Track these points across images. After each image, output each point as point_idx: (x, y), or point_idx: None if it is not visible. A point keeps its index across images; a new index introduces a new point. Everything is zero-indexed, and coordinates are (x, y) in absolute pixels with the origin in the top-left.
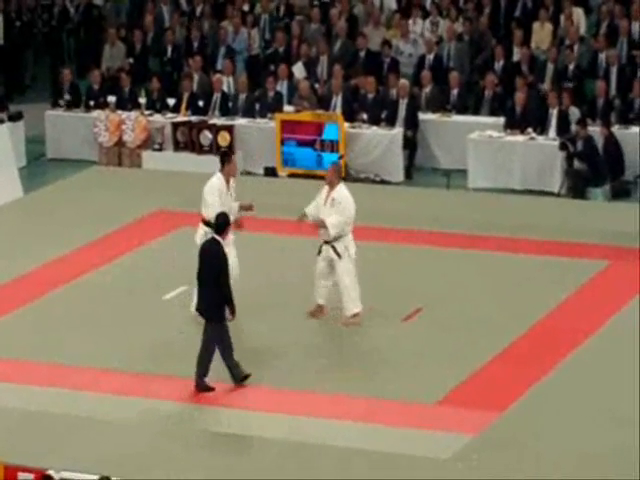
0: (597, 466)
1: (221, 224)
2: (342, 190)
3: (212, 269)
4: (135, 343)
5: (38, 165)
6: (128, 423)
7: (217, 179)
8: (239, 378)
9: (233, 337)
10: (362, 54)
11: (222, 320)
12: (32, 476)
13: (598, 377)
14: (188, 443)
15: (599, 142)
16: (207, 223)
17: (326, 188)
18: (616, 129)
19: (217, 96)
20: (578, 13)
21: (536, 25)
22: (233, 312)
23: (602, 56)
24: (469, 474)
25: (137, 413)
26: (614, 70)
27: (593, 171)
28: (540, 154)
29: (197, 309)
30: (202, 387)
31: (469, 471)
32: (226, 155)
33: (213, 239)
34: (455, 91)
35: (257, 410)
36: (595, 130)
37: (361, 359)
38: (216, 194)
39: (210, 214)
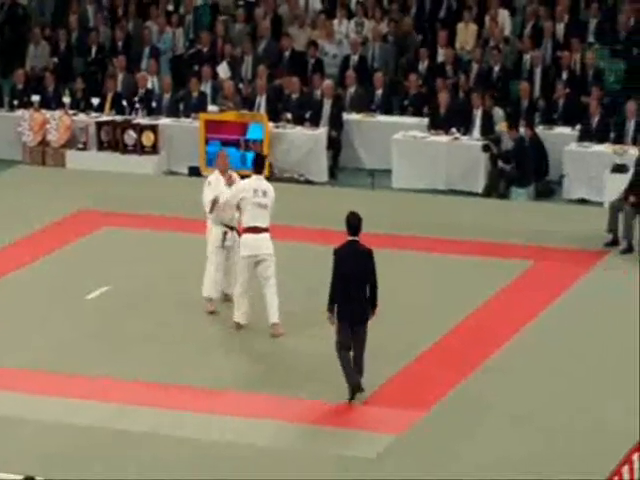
0: (517, 468)
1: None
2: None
3: (366, 270)
4: (57, 343)
5: None
6: (44, 423)
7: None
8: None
9: None
10: (287, 54)
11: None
12: None
13: (521, 378)
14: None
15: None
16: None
17: (220, 177)
18: (540, 130)
19: (141, 92)
20: (503, 14)
21: (460, 26)
22: (374, 311)
23: (527, 57)
24: (394, 474)
25: (59, 413)
26: (538, 71)
27: (520, 172)
28: (464, 155)
29: (348, 312)
30: (359, 388)
31: (394, 471)
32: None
33: (354, 240)
34: (379, 92)
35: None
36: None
37: (288, 360)
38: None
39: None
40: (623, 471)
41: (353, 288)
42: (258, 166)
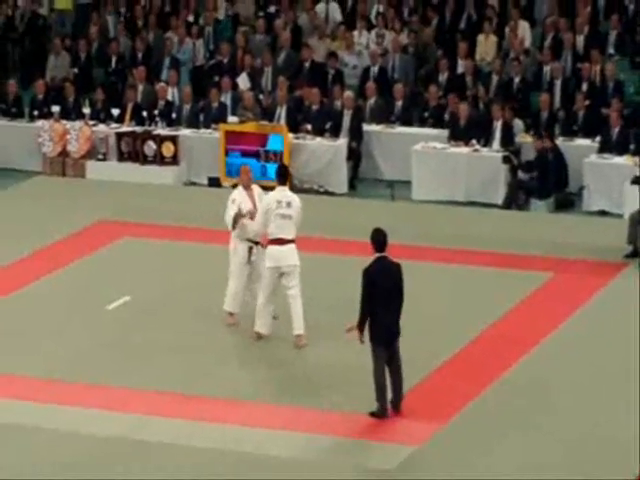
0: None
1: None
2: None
3: (400, 285)
4: (77, 352)
5: None
6: (61, 432)
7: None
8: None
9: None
10: (307, 65)
11: None
12: None
13: (542, 388)
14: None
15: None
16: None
17: (243, 192)
18: (560, 141)
19: (161, 104)
20: (523, 26)
21: (480, 37)
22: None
23: (547, 69)
24: None
25: (78, 423)
26: (558, 83)
27: (541, 183)
28: (484, 166)
29: (385, 331)
30: (386, 413)
31: None
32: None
33: (384, 257)
34: (399, 103)
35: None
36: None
37: (306, 371)
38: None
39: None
40: None
41: (390, 304)
42: (282, 177)
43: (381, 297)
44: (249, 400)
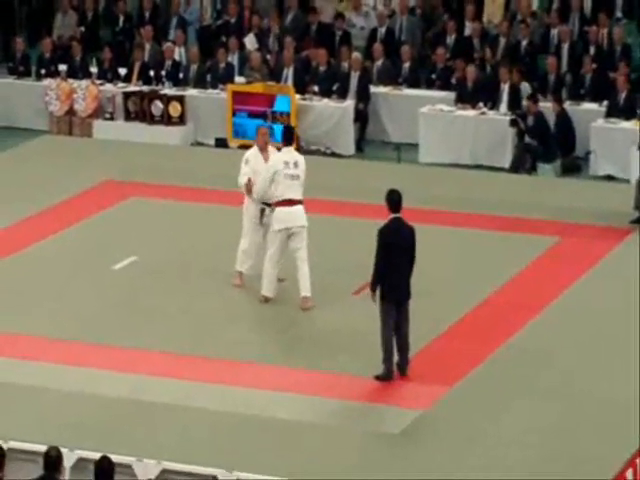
0: (543, 443)
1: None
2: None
3: (412, 246)
4: (83, 312)
5: None
6: (75, 393)
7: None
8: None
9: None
10: (314, 26)
11: None
12: None
13: (547, 353)
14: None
15: (551, 118)
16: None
17: (258, 154)
18: (567, 105)
19: (168, 64)
20: None
21: (488, 0)
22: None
23: (554, 32)
24: (419, 449)
25: (83, 383)
26: (566, 46)
27: (544, 147)
28: (491, 129)
29: (396, 290)
30: (391, 376)
31: (419, 446)
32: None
33: (398, 217)
34: (407, 65)
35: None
36: (546, 106)
37: (313, 334)
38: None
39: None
40: None
41: (402, 265)
42: (288, 138)
43: (394, 257)
44: (256, 362)
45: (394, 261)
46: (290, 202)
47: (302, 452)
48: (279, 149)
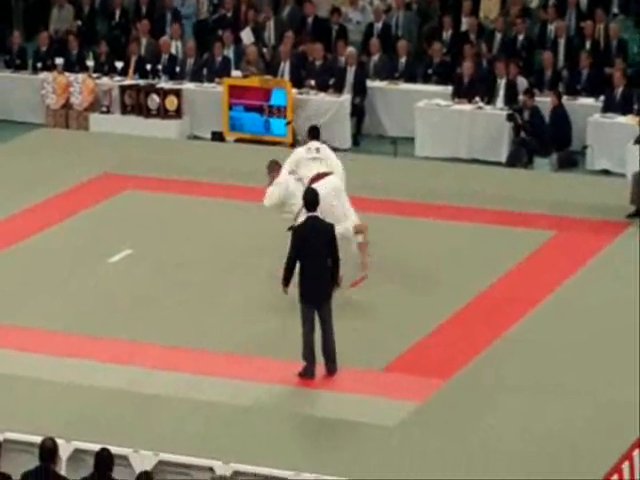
0: (541, 439)
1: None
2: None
3: (330, 245)
4: (79, 305)
5: None
6: (72, 384)
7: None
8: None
9: None
10: (310, 21)
11: None
12: None
13: (543, 348)
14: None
15: (547, 113)
16: None
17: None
18: (564, 100)
19: (164, 58)
20: None
21: None
22: (338, 281)
23: (551, 27)
24: (415, 442)
25: (80, 375)
26: (562, 41)
27: (539, 141)
28: (487, 124)
29: (313, 292)
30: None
31: (415, 439)
32: None
33: (314, 216)
34: (403, 59)
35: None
36: (543, 100)
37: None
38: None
39: None
40: None
41: (319, 268)
42: (313, 135)
43: (309, 257)
44: (253, 354)
45: (310, 263)
46: (320, 176)
47: (298, 444)
48: (276, 143)
